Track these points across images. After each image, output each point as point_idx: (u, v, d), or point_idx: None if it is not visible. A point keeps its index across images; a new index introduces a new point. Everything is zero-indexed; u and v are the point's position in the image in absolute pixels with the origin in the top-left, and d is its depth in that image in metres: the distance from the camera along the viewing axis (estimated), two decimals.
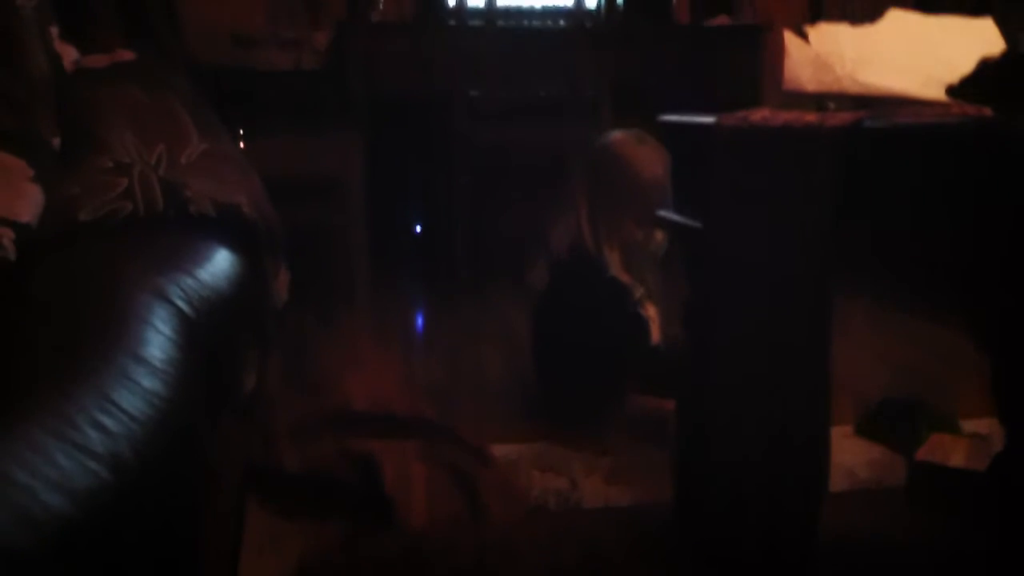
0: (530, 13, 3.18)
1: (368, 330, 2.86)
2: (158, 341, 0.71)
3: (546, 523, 1.55)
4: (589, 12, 3.00)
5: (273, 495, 1.62)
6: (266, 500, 1.61)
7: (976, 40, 1.13)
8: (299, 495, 1.61)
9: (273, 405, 1.85)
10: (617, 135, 2.14)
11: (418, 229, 3.71)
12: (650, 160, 2.01)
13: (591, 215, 2.07)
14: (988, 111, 0.95)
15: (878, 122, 1.00)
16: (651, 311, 2.09)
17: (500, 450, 1.81)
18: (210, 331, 0.83)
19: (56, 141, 1.00)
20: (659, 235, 2.06)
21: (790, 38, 1.20)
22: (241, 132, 2.43)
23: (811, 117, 1.07)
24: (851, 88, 1.14)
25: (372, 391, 1.95)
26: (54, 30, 1.12)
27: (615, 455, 1.83)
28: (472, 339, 2.72)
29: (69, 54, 1.16)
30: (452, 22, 3.10)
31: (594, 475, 1.75)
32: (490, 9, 2.90)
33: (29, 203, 0.88)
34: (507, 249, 2.78)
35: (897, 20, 1.20)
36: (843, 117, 1.03)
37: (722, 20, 3.53)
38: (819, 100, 1.16)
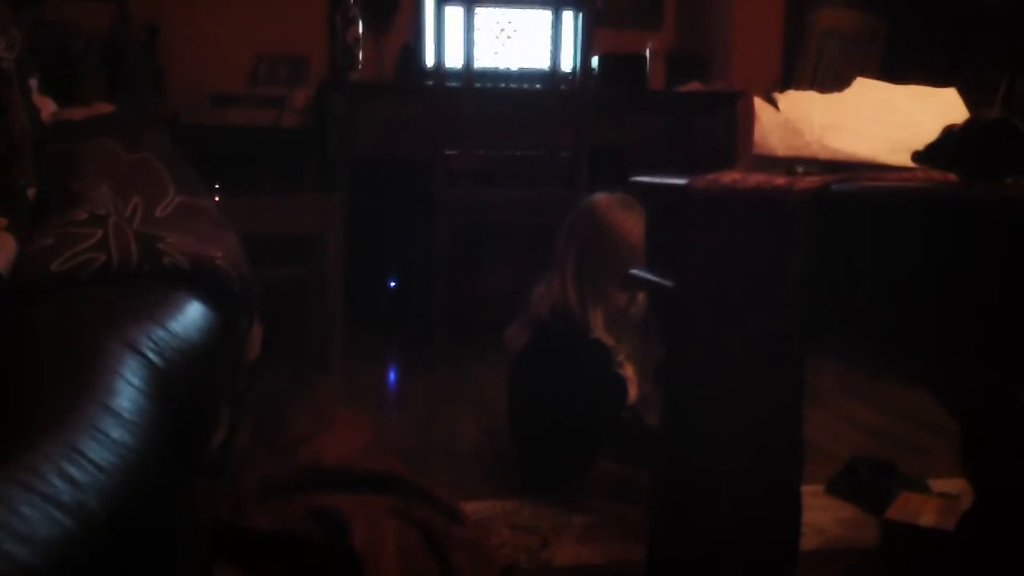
0: (507, 75, 3.23)
1: (342, 389, 2.84)
2: (128, 392, 0.71)
3: None
4: (565, 75, 3.05)
5: (241, 553, 1.60)
6: (234, 558, 1.59)
7: (940, 108, 1.16)
8: (268, 554, 1.58)
9: (243, 461, 1.83)
10: (603, 199, 2.15)
11: (392, 284, 3.70)
12: (636, 225, 2.03)
13: (577, 278, 2.08)
14: (952, 177, 0.98)
15: (846, 186, 1.02)
16: (629, 372, 2.10)
17: (472, 507, 1.79)
18: (180, 384, 0.82)
19: (32, 192, 1.00)
20: (641, 298, 2.07)
21: (760, 104, 1.22)
22: (217, 187, 2.43)
23: (780, 180, 1.09)
24: (820, 153, 1.16)
25: (343, 449, 1.93)
26: (33, 82, 1.13)
27: (587, 514, 1.82)
28: (447, 399, 2.70)
29: (47, 106, 1.17)
30: (430, 83, 3.15)
31: (566, 533, 1.74)
32: (467, 71, 2.94)
33: (1, 253, 0.88)
34: (483, 309, 2.78)
35: (864, 88, 1.23)
36: (811, 181, 1.05)
37: (694, 86, 3.61)
38: (788, 164, 1.18)
